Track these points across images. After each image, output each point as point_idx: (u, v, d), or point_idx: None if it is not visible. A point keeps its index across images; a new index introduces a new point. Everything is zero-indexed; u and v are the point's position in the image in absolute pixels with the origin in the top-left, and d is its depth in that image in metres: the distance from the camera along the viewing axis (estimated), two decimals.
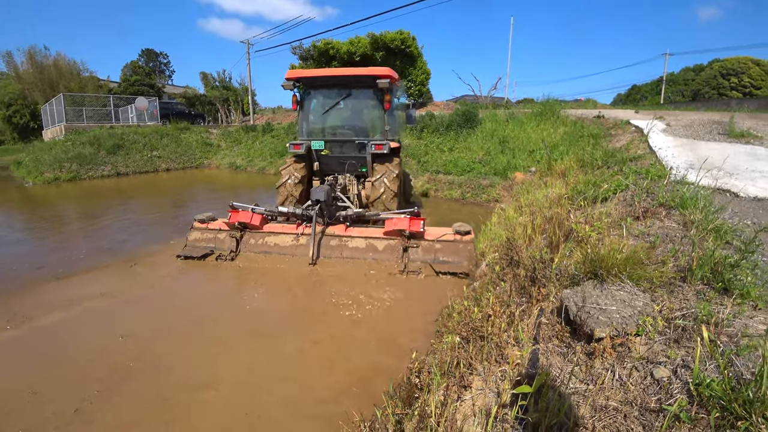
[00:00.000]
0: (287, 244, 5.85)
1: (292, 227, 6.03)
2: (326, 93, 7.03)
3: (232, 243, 5.84)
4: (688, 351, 2.05)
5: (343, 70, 7.08)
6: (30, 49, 36.66)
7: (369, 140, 6.67)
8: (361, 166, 6.94)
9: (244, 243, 5.90)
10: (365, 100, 7.02)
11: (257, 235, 5.96)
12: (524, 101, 28.59)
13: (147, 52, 58.36)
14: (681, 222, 3.63)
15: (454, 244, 5.54)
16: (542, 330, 2.71)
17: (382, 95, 6.59)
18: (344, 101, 7.02)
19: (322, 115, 7.18)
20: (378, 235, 5.79)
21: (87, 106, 23.81)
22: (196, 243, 5.98)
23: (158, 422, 2.72)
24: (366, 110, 7.15)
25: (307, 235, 5.79)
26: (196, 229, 6.08)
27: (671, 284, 2.66)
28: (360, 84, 6.73)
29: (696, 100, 37.86)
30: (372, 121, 7.05)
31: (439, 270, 5.25)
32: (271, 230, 6.03)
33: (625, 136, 9.54)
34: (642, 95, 55.31)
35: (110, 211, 9.88)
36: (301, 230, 5.91)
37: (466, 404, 2.31)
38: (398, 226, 5.61)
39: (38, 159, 17.53)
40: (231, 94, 33.82)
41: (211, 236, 5.99)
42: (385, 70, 6.47)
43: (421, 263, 5.41)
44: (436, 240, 5.58)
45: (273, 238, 5.93)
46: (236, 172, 18.50)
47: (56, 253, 6.50)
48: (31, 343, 3.73)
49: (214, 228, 6.04)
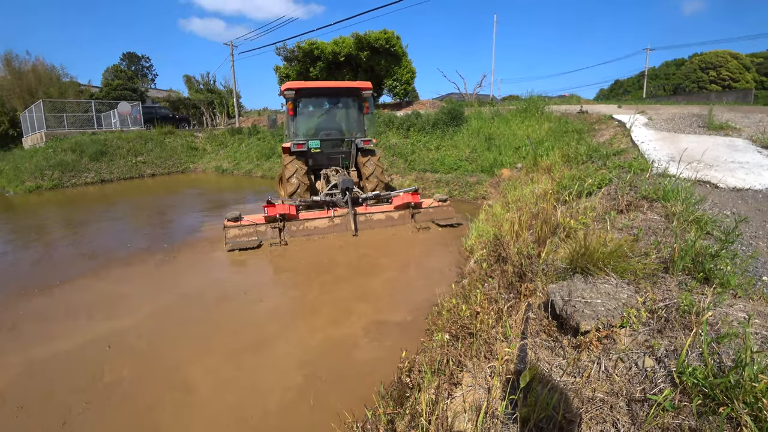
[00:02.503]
0: (325, 225, 7.11)
1: (322, 213, 7.25)
2: (319, 101, 8.66)
3: (274, 232, 6.76)
4: (671, 341, 2.09)
5: (332, 83, 9.05)
6: (6, 55, 35.79)
7: (356, 138, 8.35)
8: (344, 159, 8.52)
9: (287, 230, 6.86)
10: (350, 106, 8.69)
11: (297, 223, 7.00)
12: (509, 98, 28.82)
13: (129, 56, 57.32)
14: (663, 214, 3.70)
15: (441, 208, 7.78)
16: (530, 325, 2.74)
17: (363, 102, 8.52)
18: (333, 108, 8.74)
19: (316, 119, 8.63)
20: (390, 209, 7.59)
21: (68, 112, 23.33)
22: (236, 238, 6.57)
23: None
24: (350, 115, 8.75)
25: (339, 216, 7.18)
26: (231, 227, 6.64)
27: (654, 276, 2.71)
28: (346, 94, 8.53)
29: (677, 94, 38.55)
30: (356, 123, 8.69)
31: (440, 224, 7.44)
32: (307, 217, 7.12)
33: (609, 130, 9.68)
34: (624, 90, 56.15)
35: (103, 216, 9.73)
36: (332, 213, 7.19)
37: (456, 401, 2.33)
38: (405, 201, 7.49)
39: (18, 167, 17.13)
40: (215, 96, 33.48)
41: (251, 230, 6.72)
42: (365, 83, 8.46)
43: (425, 222, 7.51)
44: (429, 207, 7.72)
45: (311, 223, 7.07)
46: (222, 175, 18.33)
47: (71, 258, 6.38)
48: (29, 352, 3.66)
49: (249, 223, 6.75)
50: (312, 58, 21.82)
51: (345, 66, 21.95)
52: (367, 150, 8.46)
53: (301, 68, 22.42)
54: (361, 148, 8.39)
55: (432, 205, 7.73)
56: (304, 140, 8.03)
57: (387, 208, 7.58)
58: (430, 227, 7.39)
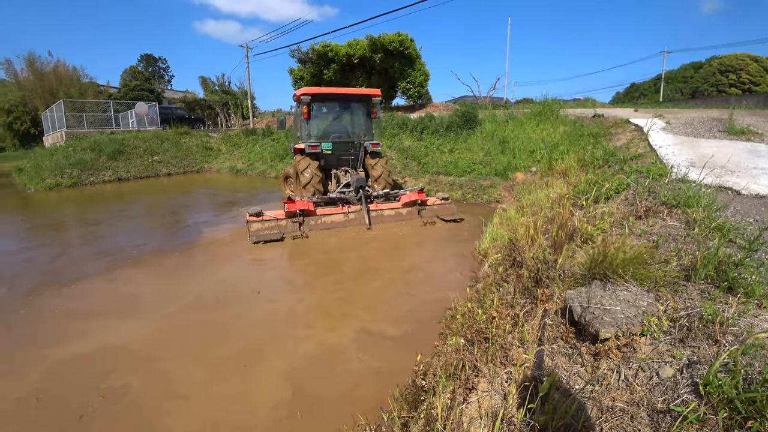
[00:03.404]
0: (340, 220, 7.72)
1: (337, 209, 7.87)
2: (331, 106, 9.34)
3: (295, 226, 7.32)
4: (693, 351, 2.05)
5: (345, 90, 9.75)
6: (29, 56, 36.77)
7: (365, 141, 9.12)
8: (353, 161, 9.25)
9: (306, 224, 7.40)
10: (360, 111, 9.42)
11: (314, 218, 7.58)
12: (523, 101, 28.58)
13: (146, 57, 58.33)
14: (683, 221, 3.63)
15: (444, 205, 8.51)
16: (547, 331, 2.71)
17: (371, 108, 9.30)
18: (345, 112, 9.46)
19: (328, 123, 9.31)
20: (399, 206, 8.29)
21: (87, 112, 23.80)
22: (259, 232, 7.05)
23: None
24: (360, 119, 9.46)
25: (353, 212, 7.84)
26: (253, 222, 7.16)
27: (675, 284, 2.66)
28: (357, 100, 9.28)
29: (695, 98, 37.80)
30: (365, 127, 9.41)
31: (445, 219, 8.11)
32: (323, 212, 7.72)
33: (625, 134, 9.54)
34: (641, 93, 55.32)
35: (119, 215, 9.91)
36: (347, 209, 7.82)
37: (472, 406, 2.31)
38: (412, 198, 8.20)
39: (39, 165, 17.53)
40: (230, 98, 33.85)
41: (272, 224, 7.22)
42: (375, 90, 9.27)
43: (431, 218, 8.19)
44: (434, 204, 8.44)
45: (328, 218, 7.68)
46: (236, 175, 18.50)
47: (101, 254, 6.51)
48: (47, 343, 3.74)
49: (270, 218, 7.28)
50: (326, 61, 21.90)
51: (359, 68, 21.98)
52: (375, 152, 9.20)
53: (315, 70, 22.50)
54: (370, 151, 9.15)
55: (436, 203, 8.45)
56: (318, 142, 8.64)
57: (396, 205, 8.26)
58: (436, 222, 8.06)
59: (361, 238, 7.21)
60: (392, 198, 8.61)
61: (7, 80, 38.82)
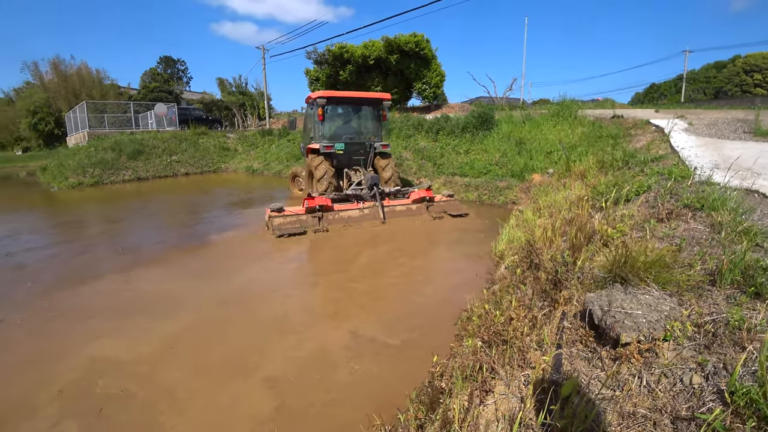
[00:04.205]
0: (356, 215, 8.22)
1: (352, 205, 8.35)
2: (345, 109, 9.99)
3: (314, 221, 7.75)
4: (719, 357, 1.99)
5: (357, 93, 10.16)
6: (54, 59, 37.94)
7: (375, 142, 9.74)
8: (363, 161, 9.84)
9: (325, 219, 7.84)
10: (371, 114, 10.05)
11: (332, 213, 8.02)
12: (540, 102, 28.26)
13: (165, 59, 59.53)
14: (708, 224, 3.54)
15: (449, 202, 9.08)
16: (565, 334, 2.67)
17: (381, 111, 9.94)
18: (357, 115, 10.09)
19: (341, 124, 9.94)
20: (409, 202, 8.79)
21: (108, 113, 24.40)
22: (282, 226, 7.48)
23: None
24: (371, 122, 10.08)
25: (368, 208, 8.34)
26: (275, 217, 7.51)
27: (699, 288, 2.59)
28: (368, 103, 9.89)
29: (718, 98, 36.87)
30: (375, 129, 10.03)
31: (451, 214, 8.67)
32: (340, 209, 8.14)
33: (646, 136, 9.35)
34: (661, 94, 54.20)
35: (138, 213, 10.13)
36: (362, 205, 8.35)
37: (489, 409, 2.29)
38: (420, 195, 8.73)
39: (63, 164, 18.03)
40: (247, 99, 34.29)
41: (294, 219, 7.63)
42: (385, 94, 9.86)
43: (438, 213, 8.76)
44: (440, 201, 8.97)
45: (345, 213, 8.14)
46: (253, 175, 18.71)
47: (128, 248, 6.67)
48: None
49: (291, 213, 7.65)
50: (342, 62, 22.01)
51: (374, 69, 22.03)
52: (385, 153, 9.85)
53: (331, 71, 22.63)
54: (379, 152, 9.77)
55: (442, 200, 8.99)
56: (332, 142, 9.15)
57: (406, 202, 8.79)
58: (444, 217, 8.62)
59: (377, 237, 7.35)
60: (402, 195, 9.09)
61: (33, 82, 40.10)
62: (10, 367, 3.47)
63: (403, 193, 9.13)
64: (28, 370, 3.42)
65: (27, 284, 5.37)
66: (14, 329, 4.13)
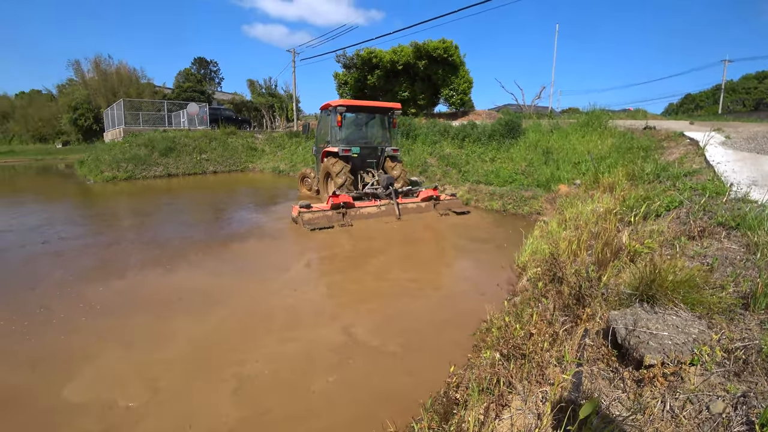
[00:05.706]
0: (374, 211, 9.12)
1: (369, 203, 9.24)
2: (360, 116, 10.96)
3: (339, 216, 8.49)
4: (750, 386, 1.91)
5: (371, 102, 11.18)
6: (96, 58, 39.72)
7: (386, 147, 10.67)
8: (375, 164, 10.78)
9: (348, 215, 8.61)
10: (382, 122, 11.02)
11: (354, 209, 8.84)
12: (569, 111, 27.72)
13: (199, 60, 61.40)
14: (743, 244, 3.40)
15: (453, 200, 10.08)
16: (587, 352, 2.61)
17: (392, 119, 10.89)
18: (370, 122, 11.12)
19: (356, 130, 10.97)
20: (419, 200, 9.69)
21: (143, 111, 25.30)
22: (312, 220, 8.20)
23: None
24: (382, 128, 11.07)
25: (384, 205, 9.24)
26: (305, 213, 8.23)
27: (731, 311, 2.49)
28: (381, 111, 10.79)
29: (759, 110, 35.29)
30: (386, 135, 11.02)
31: (456, 211, 9.63)
32: (361, 206, 9.01)
33: (679, 148, 9.05)
34: (697, 105, 52.32)
35: (167, 208, 10.46)
36: (378, 203, 9.26)
37: (504, 424, 2.26)
38: (428, 194, 9.68)
39: (99, 159, 18.78)
40: (276, 100, 34.94)
41: (321, 215, 8.35)
42: (396, 104, 10.65)
43: (444, 210, 9.71)
44: (446, 199, 9.92)
45: (365, 210, 9.03)
46: (279, 176, 19.00)
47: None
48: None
49: (318, 209, 8.42)
50: (370, 66, 22.14)
51: (402, 75, 22.07)
52: (395, 157, 10.80)
53: (359, 76, 22.78)
54: (389, 156, 10.71)
55: (447, 198, 9.95)
56: (349, 146, 9.96)
57: (416, 200, 9.71)
58: (449, 214, 9.51)
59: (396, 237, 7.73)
60: (412, 194, 10.09)
61: (75, 80, 42.03)
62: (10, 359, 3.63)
63: (413, 192, 10.09)
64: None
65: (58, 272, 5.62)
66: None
